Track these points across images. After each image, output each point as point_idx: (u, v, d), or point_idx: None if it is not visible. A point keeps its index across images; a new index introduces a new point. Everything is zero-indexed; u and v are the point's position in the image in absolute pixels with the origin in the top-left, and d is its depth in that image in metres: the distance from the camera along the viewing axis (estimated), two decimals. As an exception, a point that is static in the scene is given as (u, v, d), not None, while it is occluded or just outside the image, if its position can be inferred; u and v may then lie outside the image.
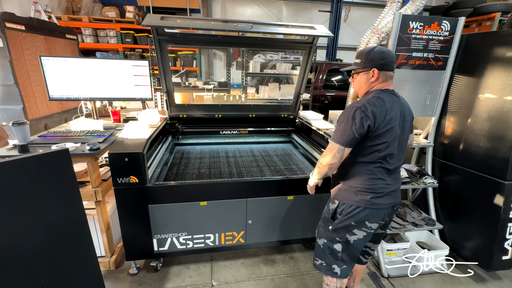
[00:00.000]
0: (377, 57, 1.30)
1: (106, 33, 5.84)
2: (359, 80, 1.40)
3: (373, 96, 1.31)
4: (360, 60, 1.35)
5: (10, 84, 2.75)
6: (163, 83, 2.41)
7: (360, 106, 1.27)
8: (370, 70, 1.32)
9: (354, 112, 1.27)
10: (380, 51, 1.31)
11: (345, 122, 1.29)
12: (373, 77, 1.33)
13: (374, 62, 1.31)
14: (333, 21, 6.78)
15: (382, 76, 1.33)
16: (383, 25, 2.55)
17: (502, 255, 2.07)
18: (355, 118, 1.26)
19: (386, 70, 1.32)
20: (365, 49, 1.35)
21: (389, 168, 1.36)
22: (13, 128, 1.61)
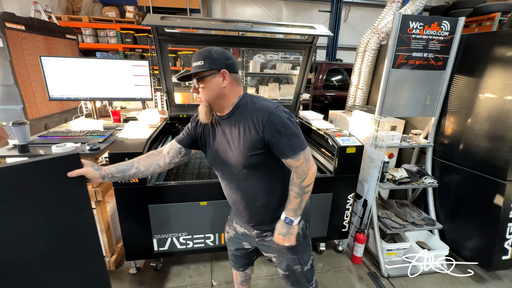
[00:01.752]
0: (222, 56, 1.07)
1: (106, 33, 5.84)
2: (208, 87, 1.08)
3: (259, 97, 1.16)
4: (201, 62, 1.06)
5: (10, 84, 2.75)
6: (163, 83, 2.41)
7: (278, 106, 1.08)
8: (220, 72, 1.06)
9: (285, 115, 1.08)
10: (222, 50, 1.09)
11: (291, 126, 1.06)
12: (225, 80, 1.07)
13: (221, 62, 1.06)
14: (333, 21, 6.78)
15: (233, 79, 1.10)
16: (383, 25, 2.56)
17: (502, 255, 2.07)
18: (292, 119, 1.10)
19: (235, 72, 1.11)
20: (204, 49, 1.08)
21: None
22: (13, 128, 1.61)
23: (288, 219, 1.12)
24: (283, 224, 1.14)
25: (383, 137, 2.13)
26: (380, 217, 2.31)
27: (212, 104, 1.11)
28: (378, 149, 2.16)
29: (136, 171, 1.24)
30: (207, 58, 1.04)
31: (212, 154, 1.21)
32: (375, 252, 2.28)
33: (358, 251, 2.27)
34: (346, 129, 2.45)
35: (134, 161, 1.25)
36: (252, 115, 1.07)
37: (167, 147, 1.29)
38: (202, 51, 1.07)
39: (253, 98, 1.14)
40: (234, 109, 1.12)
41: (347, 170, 2.03)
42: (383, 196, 2.77)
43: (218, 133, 1.17)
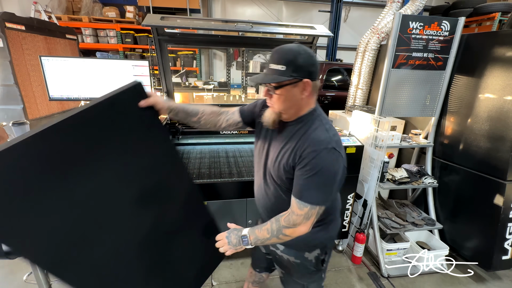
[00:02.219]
0: (307, 62, 0.93)
1: (106, 33, 5.84)
2: (287, 96, 0.96)
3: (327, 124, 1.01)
4: (286, 67, 0.92)
5: (10, 84, 2.75)
6: (163, 83, 2.41)
7: (334, 148, 0.94)
8: (301, 82, 0.94)
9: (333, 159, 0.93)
10: (309, 53, 0.94)
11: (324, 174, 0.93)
12: (305, 90, 0.95)
13: (306, 70, 0.93)
14: (333, 21, 6.78)
15: (313, 88, 0.98)
16: (383, 25, 2.55)
17: (502, 255, 2.07)
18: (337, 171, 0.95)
19: (316, 79, 0.98)
20: (287, 48, 0.94)
21: None
22: (13, 128, 1.61)
23: (246, 238, 1.04)
24: (239, 237, 1.05)
25: (383, 137, 2.13)
26: (380, 217, 2.31)
27: (283, 114, 1.01)
28: (378, 149, 2.16)
29: (196, 121, 1.18)
30: (291, 64, 0.91)
31: (257, 146, 1.17)
32: (375, 252, 2.28)
33: (358, 251, 2.27)
34: (346, 129, 2.45)
35: (199, 110, 1.18)
36: (303, 141, 0.96)
37: (230, 113, 1.23)
38: (287, 51, 0.93)
39: (318, 120, 1.00)
40: (296, 123, 1.02)
41: (347, 170, 2.03)
42: (383, 196, 2.77)
43: (269, 132, 1.11)
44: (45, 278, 1.54)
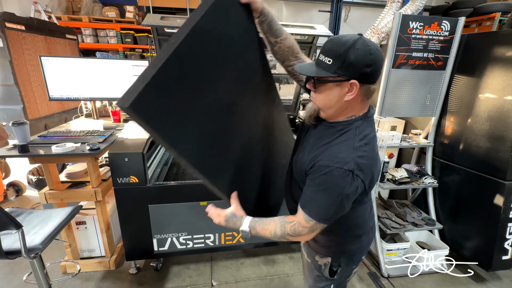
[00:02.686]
0: (361, 61, 0.78)
1: (106, 33, 5.84)
2: (327, 94, 0.86)
3: (361, 140, 0.87)
4: (333, 61, 0.81)
5: (10, 84, 2.75)
6: (163, 83, 2.41)
7: (352, 171, 0.81)
8: (348, 82, 0.81)
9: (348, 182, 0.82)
10: (367, 50, 0.79)
11: (332, 195, 0.84)
12: (350, 93, 0.83)
13: (355, 69, 0.79)
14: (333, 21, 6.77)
15: (363, 92, 0.84)
16: (383, 25, 2.55)
17: (502, 255, 2.07)
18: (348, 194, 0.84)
19: (371, 82, 0.83)
20: (341, 40, 0.81)
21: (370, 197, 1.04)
22: (13, 128, 1.61)
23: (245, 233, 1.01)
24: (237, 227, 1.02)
25: (383, 137, 2.13)
26: (380, 217, 2.31)
27: (322, 112, 0.93)
28: (378, 149, 2.16)
29: (272, 42, 1.08)
30: (340, 59, 0.79)
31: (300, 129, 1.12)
32: (375, 252, 2.28)
33: (358, 251, 2.26)
34: (346, 129, 2.45)
35: (282, 34, 1.07)
36: (322, 150, 0.88)
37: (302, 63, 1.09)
38: (340, 42, 0.80)
39: (352, 133, 0.87)
40: (330, 126, 0.92)
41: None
42: (383, 196, 2.77)
43: (306, 127, 1.03)
44: (45, 278, 1.54)
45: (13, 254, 1.30)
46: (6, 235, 1.28)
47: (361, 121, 0.89)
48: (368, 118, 0.92)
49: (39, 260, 1.48)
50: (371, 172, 0.87)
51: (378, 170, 0.93)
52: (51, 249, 2.25)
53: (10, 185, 3.16)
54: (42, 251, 1.39)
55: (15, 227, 1.24)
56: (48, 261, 2.05)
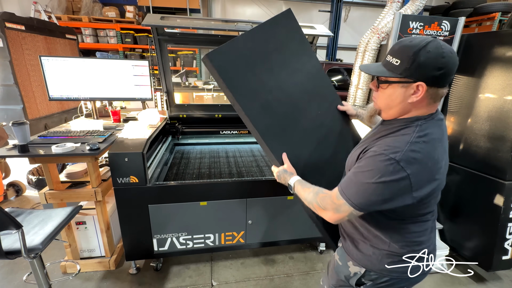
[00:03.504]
0: (431, 64, 0.76)
1: (106, 33, 5.85)
2: (390, 94, 0.85)
3: (420, 137, 0.81)
4: (399, 61, 0.80)
5: (10, 84, 2.75)
6: (163, 83, 2.41)
7: (398, 161, 0.77)
8: (414, 84, 0.80)
9: (389, 171, 0.77)
10: (439, 52, 0.76)
11: (371, 179, 0.79)
12: (415, 95, 0.81)
13: (425, 72, 0.78)
14: (333, 21, 6.78)
15: (430, 95, 0.81)
16: (383, 25, 2.55)
17: (502, 255, 2.07)
18: (386, 183, 0.78)
19: (440, 86, 0.80)
20: (412, 42, 0.79)
21: (434, 221, 1.00)
22: (13, 128, 1.61)
23: (290, 187, 1.10)
24: (286, 182, 1.12)
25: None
26: (380, 217, 2.31)
27: (383, 112, 0.91)
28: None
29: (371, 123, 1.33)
30: (408, 60, 0.78)
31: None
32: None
33: (358, 251, 2.26)
34: (346, 129, 2.45)
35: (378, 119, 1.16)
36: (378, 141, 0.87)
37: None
38: (409, 44, 0.78)
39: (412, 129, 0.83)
40: (390, 123, 0.90)
41: (347, 170, 2.03)
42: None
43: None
44: (45, 278, 1.54)
45: (13, 254, 1.30)
46: (6, 235, 1.28)
47: (425, 121, 0.84)
48: (434, 119, 0.86)
49: (39, 260, 1.48)
50: (425, 173, 0.80)
51: (437, 178, 0.83)
52: (51, 249, 2.25)
53: (10, 185, 3.16)
54: (42, 251, 1.39)
55: (15, 227, 1.24)
56: (48, 261, 2.05)
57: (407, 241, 0.95)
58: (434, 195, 0.87)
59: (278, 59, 1.31)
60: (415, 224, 0.93)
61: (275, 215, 2.05)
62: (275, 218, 2.06)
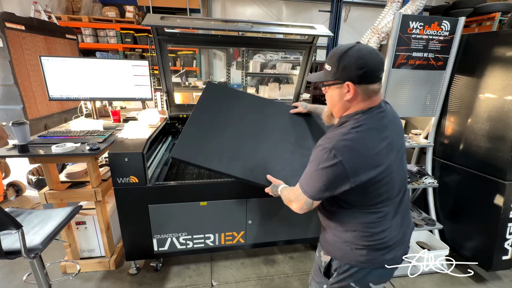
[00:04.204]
0: (352, 65, 0.89)
1: (106, 33, 5.84)
2: (331, 95, 1.00)
3: (352, 126, 0.93)
4: (330, 67, 0.95)
5: (10, 84, 2.75)
6: (163, 83, 2.41)
7: (330, 149, 0.89)
8: (344, 84, 0.92)
9: (325, 157, 0.90)
10: (358, 55, 0.88)
11: (314, 168, 0.94)
12: (348, 93, 0.93)
13: (348, 72, 0.90)
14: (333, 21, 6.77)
15: (362, 91, 0.92)
16: (383, 25, 2.55)
17: (502, 255, 2.07)
18: (326, 167, 0.90)
19: (367, 83, 0.91)
20: (338, 49, 0.93)
21: (394, 211, 1.02)
22: (13, 128, 1.61)
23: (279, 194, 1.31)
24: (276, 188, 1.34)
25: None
26: (380, 217, 2.31)
27: (332, 111, 1.07)
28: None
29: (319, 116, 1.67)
30: (336, 64, 0.92)
31: None
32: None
33: (358, 251, 2.26)
34: (346, 129, 2.45)
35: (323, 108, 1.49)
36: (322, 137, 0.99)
37: None
38: (335, 51, 0.93)
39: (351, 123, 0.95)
40: (336, 124, 1.03)
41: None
42: (383, 196, 2.76)
43: None
44: (45, 278, 1.54)
45: (13, 254, 1.30)
46: (6, 235, 1.28)
47: (362, 114, 0.95)
48: (373, 112, 0.95)
49: (39, 260, 1.48)
50: (359, 159, 0.89)
51: (377, 165, 0.91)
52: (51, 249, 2.24)
53: (10, 185, 3.16)
54: (42, 251, 1.39)
55: (15, 227, 1.24)
56: (48, 261, 2.05)
57: (360, 230, 1.01)
58: (380, 183, 0.93)
59: (223, 117, 1.61)
60: (367, 215, 0.99)
61: (275, 215, 2.05)
62: (275, 218, 2.06)
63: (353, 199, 0.97)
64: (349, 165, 0.88)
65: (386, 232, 1.01)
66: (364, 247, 1.00)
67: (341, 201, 1.00)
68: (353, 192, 0.92)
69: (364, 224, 1.00)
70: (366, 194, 0.94)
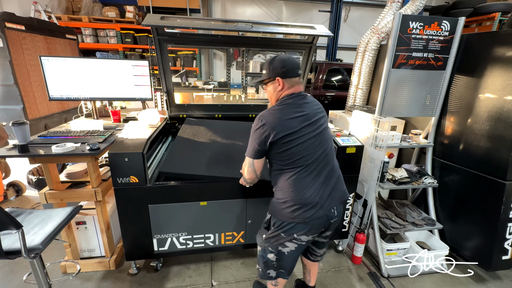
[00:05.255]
0: (278, 66, 1.36)
1: (106, 33, 5.85)
2: (269, 90, 1.45)
3: (278, 104, 1.39)
4: (265, 71, 1.41)
5: (10, 84, 2.75)
6: (163, 83, 2.41)
7: (260, 117, 1.34)
8: (275, 79, 1.38)
9: (256, 123, 1.34)
10: (281, 59, 1.37)
11: (251, 133, 1.36)
12: (279, 85, 1.39)
13: (276, 71, 1.37)
14: (333, 21, 6.78)
15: (287, 83, 1.39)
16: (383, 25, 2.55)
17: (502, 255, 2.07)
18: (256, 129, 1.32)
19: (290, 77, 1.38)
20: (268, 60, 1.41)
21: (314, 174, 1.33)
22: (13, 128, 1.61)
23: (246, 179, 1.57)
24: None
25: (383, 137, 2.13)
26: (380, 217, 2.31)
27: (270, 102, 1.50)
28: (378, 149, 2.16)
29: None
30: (268, 68, 1.39)
31: None
32: (375, 252, 2.28)
33: (358, 251, 2.27)
34: (346, 129, 2.45)
35: None
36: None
37: None
38: (268, 60, 1.41)
39: (276, 104, 1.39)
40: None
41: (347, 170, 2.03)
42: (383, 196, 2.77)
43: None
44: (45, 278, 1.54)
45: (13, 254, 1.30)
46: (6, 235, 1.28)
47: (287, 97, 1.39)
48: (293, 97, 1.38)
49: (39, 260, 1.48)
50: (277, 122, 1.29)
51: (292, 127, 1.30)
52: (51, 249, 2.25)
53: (10, 185, 3.16)
54: (42, 251, 1.39)
55: (15, 227, 1.24)
56: (48, 261, 2.05)
57: (286, 189, 1.35)
58: (295, 142, 1.30)
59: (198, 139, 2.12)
60: (290, 173, 1.34)
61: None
62: (275, 218, 2.06)
63: (277, 156, 1.34)
64: (270, 125, 1.29)
65: (306, 192, 1.32)
66: (289, 206, 1.33)
67: (274, 163, 1.39)
68: (276, 147, 1.31)
69: (288, 182, 1.33)
70: (286, 150, 1.30)
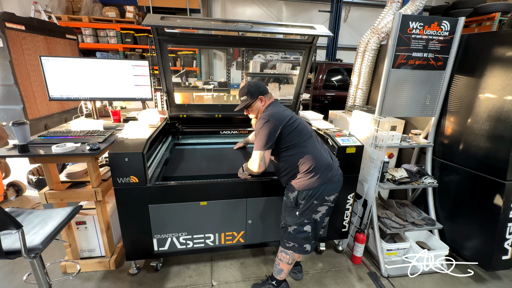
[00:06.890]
0: (254, 88, 1.74)
1: (106, 33, 5.84)
2: (253, 109, 1.79)
3: (267, 109, 1.73)
4: (245, 97, 1.75)
5: (10, 84, 2.75)
6: (163, 83, 2.41)
7: (262, 117, 1.65)
8: (258, 98, 1.74)
9: (261, 122, 1.63)
10: (254, 84, 1.75)
11: (258, 132, 1.63)
12: (262, 102, 1.76)
13: (256, 93, 1.73)
14: (333, 21, 6.78)
15: (265, 97, 1.76)
16: (383, 25, 2.56)
17: (502, 255, 2.07)
18: (263, 126, 1.60)
19: (266, 93, 1.77)
20: (242, 88, 1.77)
21: (317, 143, 1.70)
22: (13, 128, 1.61)
23: (241, 168, 1.90)
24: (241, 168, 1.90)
25: (383, 137, 2.13)
26: (380, 217, 2.31)
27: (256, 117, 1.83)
28: (378, 149, 2.16)
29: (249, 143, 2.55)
30: (247, 92, 1.74)
31: None
32: (375, 252, 2.28)
33: (358, 251, 2.27)
34: (346, 129, 2.45)
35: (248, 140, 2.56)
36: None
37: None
38: (242, 89, 1.77)
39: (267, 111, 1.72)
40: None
41: (347, 170, 2.03)
42: (383, 196, 2.77)
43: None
44: (45, 278, 1.54)
45: (13, 254, 1.30)
46: (6, 235, 1.28)
47: (269, 106, 1.76)
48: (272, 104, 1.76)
49: (39, 260, 1.48)
50: (278, 116, 1.63)
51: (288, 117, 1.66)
52: (51, 249, 2.25)
53: (10, 185, 3.16)
54: (42, 251, 1.39)
55: (15, 227, 1.24)
56: (48, 261, 2.05)
57: (303, 163, 1.63)
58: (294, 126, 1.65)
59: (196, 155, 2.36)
60: (300, 150, 1.63)
61: (275, 215, 2.05)
62: (275, 218, 2.06)
63: (287, 141, 1.62)
64: (274, 119, 1.61)
65: (319, 159, 1.63)
66: (314, 174, 1.60)
67: (283, 149, 1.65)
68: (284, 134, 1.61)
69: (303, 154, 1.62)
70: (292, 131, 1.62)
